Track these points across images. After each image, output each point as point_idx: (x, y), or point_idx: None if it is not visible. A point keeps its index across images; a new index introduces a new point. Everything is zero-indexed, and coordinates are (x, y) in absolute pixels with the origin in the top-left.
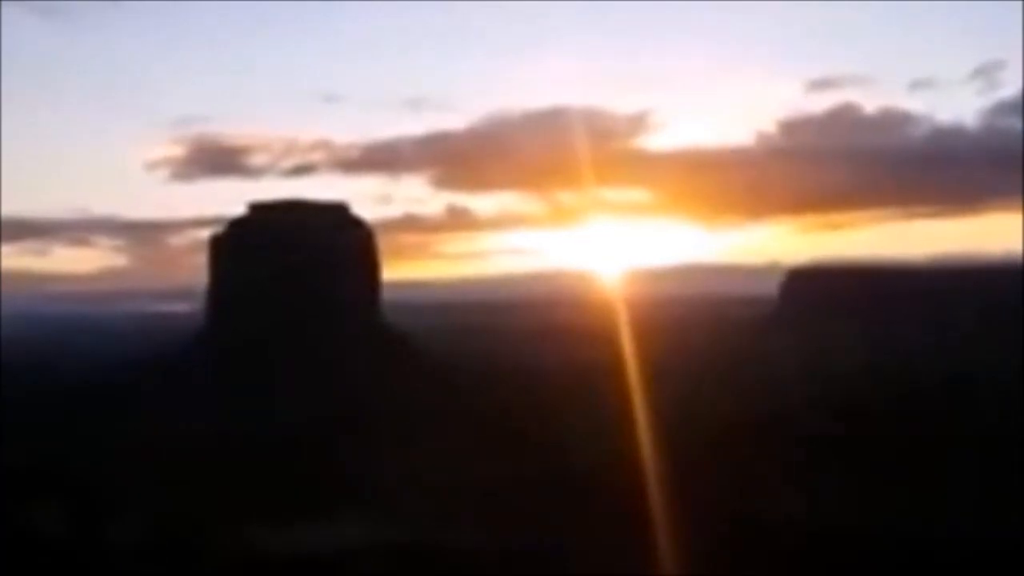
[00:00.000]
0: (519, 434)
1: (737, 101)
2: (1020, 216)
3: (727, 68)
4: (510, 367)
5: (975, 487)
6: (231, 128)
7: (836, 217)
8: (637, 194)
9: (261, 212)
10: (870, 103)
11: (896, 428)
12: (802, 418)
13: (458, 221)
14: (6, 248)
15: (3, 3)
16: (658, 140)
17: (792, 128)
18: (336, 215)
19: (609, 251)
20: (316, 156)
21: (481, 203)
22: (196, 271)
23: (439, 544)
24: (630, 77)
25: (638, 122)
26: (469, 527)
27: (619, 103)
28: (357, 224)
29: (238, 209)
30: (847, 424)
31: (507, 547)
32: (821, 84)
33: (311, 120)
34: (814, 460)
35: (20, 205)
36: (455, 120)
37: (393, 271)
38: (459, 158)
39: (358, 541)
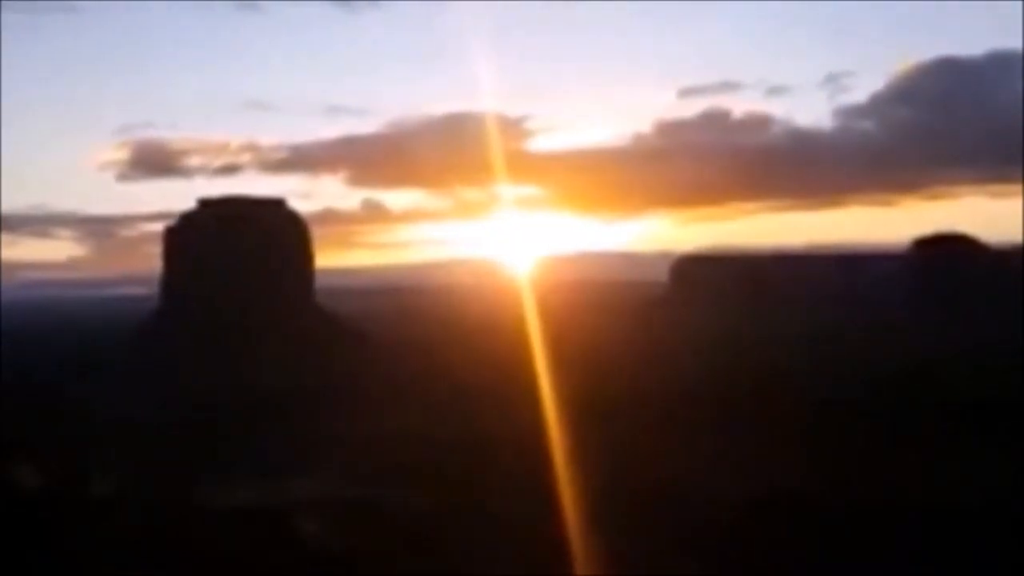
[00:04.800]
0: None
1: (615, 108)
2: (877, 209)
3: (605, 78)
4: (436, 343)
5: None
6: (171, 133)
7: (710, 210)
8: (531, 191)
9: (209, 206)
10: (736, 108)
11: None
12: (691, 388)
13: (374, 215)
14: None
15: None
16: (546, 142)
17: (667, 131)
18: (275, 209)
19: (511, 241)
20: (244, 158)
21: (393, 199)
22: (148, 260)
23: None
24: (517, 87)
25: (528, 126)
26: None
27: (508, 109)
28: (294, 217)
29: (179, 205)
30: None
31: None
32: (692, 91)
33: (241, 126)
34: (704, 430)
35: None
36: (367, 124)
37: (319, 260)
38: (371, 158)
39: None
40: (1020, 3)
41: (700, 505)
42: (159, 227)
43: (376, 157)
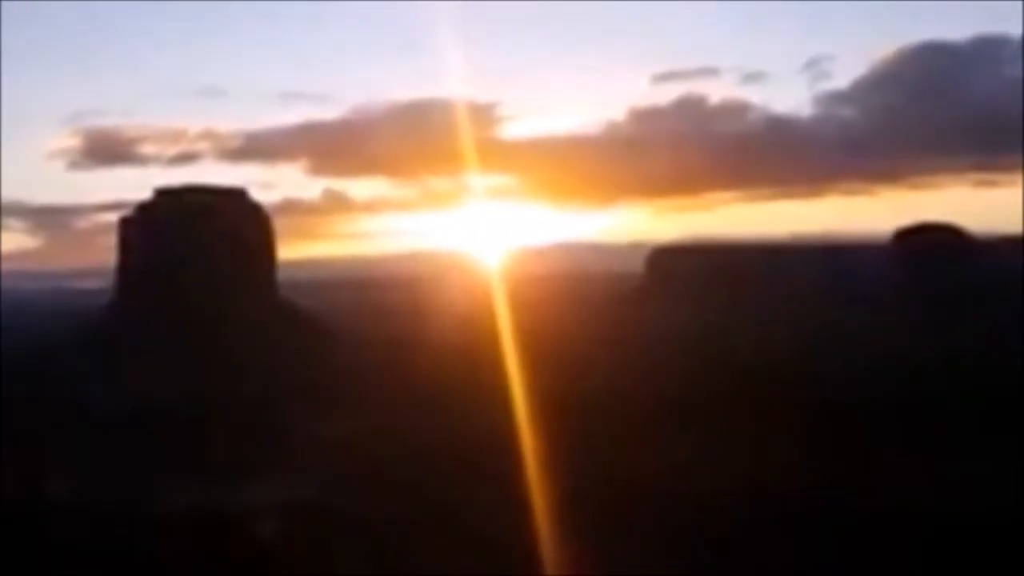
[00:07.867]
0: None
1: (588, 94)
2: (858, 199)
3: (578, 64)
4: (405, 339)
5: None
6: (124, 120)
7: (686, 200)
8: (501, 180)
9: (167, 196)
10: (713, 94)
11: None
12: (671, 383)
13: (336, 205)
14: None
15: None
16: (517, 130)
17: (642, 118)
18: (236, 199)
19: (481, 232)
20: (201, 146)
21: (356, 188)
22: (103, 251)
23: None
24: (485, 71)
25: (496, 113)
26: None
27: (476, 95)
28: (255, 207)
29: (133, 194)
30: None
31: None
32: (667, 77)
33: (197, 113)
34: (680, 423)
35: None
36: (328, 111)
37: (279, 251)
38: (333, 146)
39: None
40: None
41: (683, 506)
42: (113, 217)
43: (338, 145)
